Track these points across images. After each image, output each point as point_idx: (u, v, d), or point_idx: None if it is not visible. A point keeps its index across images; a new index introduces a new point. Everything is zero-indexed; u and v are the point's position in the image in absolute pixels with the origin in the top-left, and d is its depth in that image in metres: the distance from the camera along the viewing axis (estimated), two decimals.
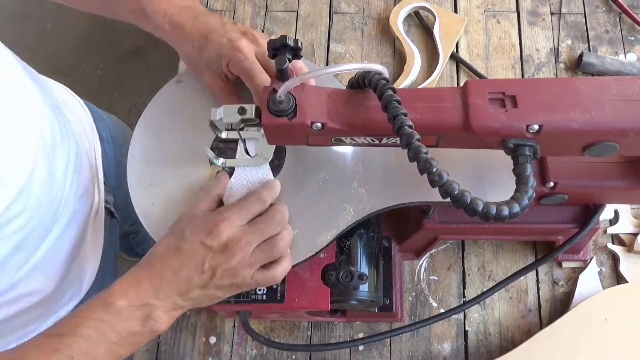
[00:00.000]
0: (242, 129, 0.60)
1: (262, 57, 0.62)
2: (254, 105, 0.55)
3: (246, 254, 0.55)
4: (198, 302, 0.57)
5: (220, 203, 0.60)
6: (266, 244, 0.57)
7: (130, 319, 0.52)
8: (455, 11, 0.94)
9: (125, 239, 1.42)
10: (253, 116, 0.55)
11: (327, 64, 0.92)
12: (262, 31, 0.94)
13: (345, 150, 0.65)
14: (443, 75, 0.89)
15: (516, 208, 0.45)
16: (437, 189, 0.45)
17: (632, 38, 0.91)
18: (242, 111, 0.56)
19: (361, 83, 0.52)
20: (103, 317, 0.51)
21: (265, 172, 0.63)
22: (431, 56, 0.91)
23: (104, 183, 0.83)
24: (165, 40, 0.67)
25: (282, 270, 0.58)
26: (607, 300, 0.71)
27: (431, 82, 0.88)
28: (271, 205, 0.59)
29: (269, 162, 0.63)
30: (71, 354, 0.50)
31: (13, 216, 0.60)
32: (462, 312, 0.76)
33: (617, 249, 0.77)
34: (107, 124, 0.91)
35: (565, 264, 0.77)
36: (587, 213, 0.68)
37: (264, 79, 0.61)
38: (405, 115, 0.47)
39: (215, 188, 0.60)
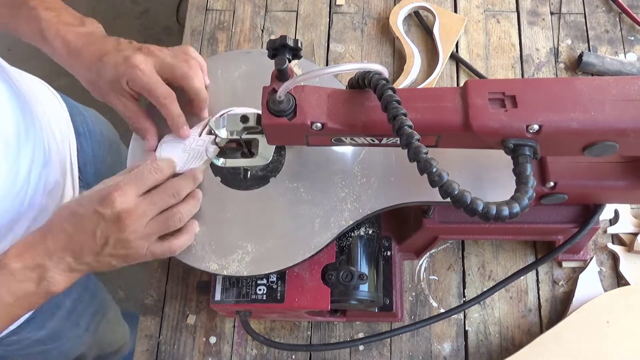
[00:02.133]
0: (244, 136, 0.60)
1: (161, 66, 0.62)
2: (255, 113, 0.56)
3: (140, 226, 0.55)
4: (94, 268, 0.57)
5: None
6: (161, 215, 0.57)
7: (25, 280, 0.53)
8: (455, 11, 0.94)
9: None
10: (255, 124, 0.55)
11: (327, 64, 0.92)
12: (262, 31, 0.94)
13: (345, 150, 0.65)
14: (443, 75, 0.89)
15: (516, 208, 0.45)
16: (437, 189, 0.45)
17: (632, 38, 0.91)
18: (244, 120, 0.56)
19: (361, 83, 0.52)
20: None
21: (206, 146, 0.63)
22: (431, 56, 0.91)
23: (79, 178, 0.83)
24: (64, 67, 0.66)
25: (180, 243, 0.59)
26: (608, 303, 0.70)
27: (431, 82, 0.88)
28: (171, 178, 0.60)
29: (268, 163, 0.63)
30: None
31: None
32: (462, 312, 0.76)
33: (617, 248, 0.77)
34: (85, 118, 0.90)
35: (565, 264, 0.77)
36: (587, 213, 0.68)
37: (164, 91, 0.61)
38: (405, 115, 0.47)
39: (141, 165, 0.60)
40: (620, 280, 0.76)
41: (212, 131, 0.62)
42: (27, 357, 0.92)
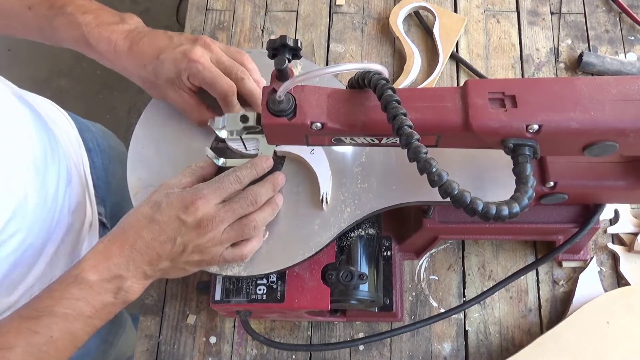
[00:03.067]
0: (244, 136, 0.60)
1: (218, 62, 0.62)
2: (255, 113, 0.56)
3: (218, 233, 0.56)
4: (166, 274, 0.58)
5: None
6: (238, 223, 0.58)
7: (103, 292, 0.54)
8: (455, 11, 0.94)
9: None
10: (255, 124, 0.55)
11: (327, 64, 0.92)
12: (262, 31, 0.94)
13: (345, 150, 0.65)
14: (443, 75, 0.89)
15: (516, 208, 0.45)
16: (437, 189, 0.45)
17: (632, 38, 0.91)
18: (244, 119, 0.56)
19: (361, 83, 0.52)
20: (77, 294, 0.52)
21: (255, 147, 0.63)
22: (431, 56, 0.91)
23: (95, 195, 0.83)
24: (112, 68, 0.65)
25: (250, 248, 0.60)
26: (608, 303, 0.70)
27: (431, 82, 0.88)
28: (249, 185, 0.60)
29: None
30: (50, 334, 0.51)
31: (8, 237, 0.60)
32: (462, 312, 0.76)
33: (617, 248, 0.77)
34: (94, 134, 0.90)
35: (565, 264, 0.77)
36: (587, 213, 0.68)
37: (227, 83, 0.61)
38: (405, 115, 0.47)
39: (202, 169, 0.61)
40: (620, 280, 0.76)
41: (215, 131, 0.62)
42: None
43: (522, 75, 0.89)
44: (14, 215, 0.60)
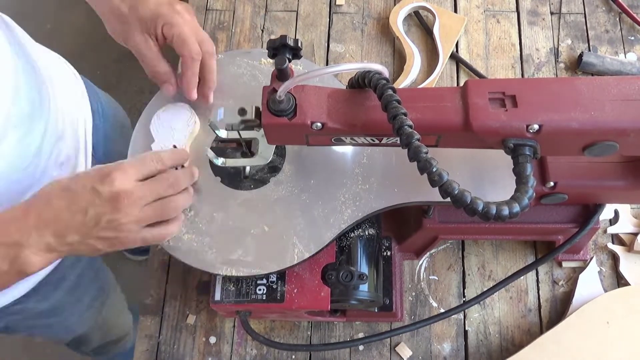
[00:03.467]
0: (242, 129, 0.60)
1: (196, 27, 0.62)
2: (254, 106, 0.55)
3: (135, 209, 0.53)
4: (76, 250, 0.54)
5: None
6: (159, 202, 0.56)
7: None
8: (455, 11, 0.94)
9: None
10: (253, 117, 0.55)
11: (327, 64, 0.92)
12: (262, 31, 0.94)
13: (345, 150, 0.65)
14: (443, 75, 0.89)
15: (516, 208, 0.45)
16: (437, 188, 0.45)
17: (632, 38, 0.91)
18: (242, 112, 0.56)
19: (361, 83, 0.52)
20: None
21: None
22: (431, 56, 0.91)
23: (92, 155, 0.83)
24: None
25: (171, 230, 0.58)
26: (608, 303, 0.70)
27: (431, 82, 0.88)
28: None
29: (268, 163, 0.63)
30: None
31: None
32: (462, 312, 0.76)
33: (617, 248, 0.77)
34: (100, 98, 0.90)
35: (565, 264, 0.77)
36: (587, 213, 0.68)
37: (196, 48, 0.60)
38: (405, 115, 0.47)
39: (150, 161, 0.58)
40: (620, 280, 0.76)
41: (212, 129, 0.61)
42: (31, 330, 0.92)
43: (522, 75, 0.89)
44: None
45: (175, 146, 0.65)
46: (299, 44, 0.52)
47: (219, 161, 0.63)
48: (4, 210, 0.53)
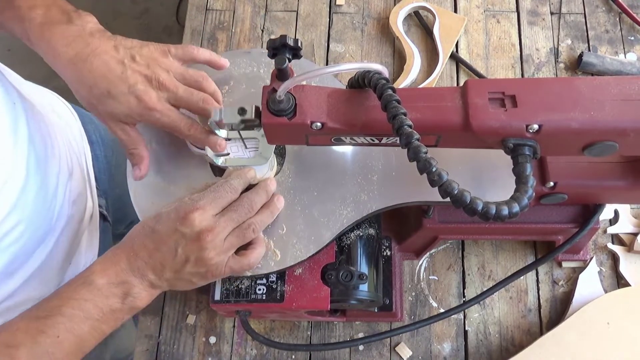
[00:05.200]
0: (242, 129, 0.60)
1: (176, 101, 0.60)
2: (253, 106, 0.55)
3: (219, 242, 0.56)
4: (174, 285, 0.58)
5: None
6: (238, 229, 0.58)
7: (111, 296, 0.54)
8: (455, 11, 0.94)
9: None
10: (253, 117, 0.55)
11: (327, 64, 0.92)
12: (262, 31, 0.94)
13: (345, 150, 0.65)
14: (443, 75, 0.89)
15: (516, 208, 0.45)
16: (437, 188, 0.45)
17: (632, 38, 0.91)
18: (242, 112, 0.56)
19: (361, 83, 0.52)
20: (85, 295, 0.53)
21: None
22: (431, 56, 0.91)
23: (96, 187, 0.83)
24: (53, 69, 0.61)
25: (255, 256, 0.59)
26: (609, 304, 0.70)
27: (431, 81, 0.88)
28: (242, 193, 0.60)
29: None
30: (57, 334, 0.51)
31: (9, 228, 0.60)
32: (462, 312, 0.76)
33: (617, 248, 0.77)
34: (97, 126, 0.90)
35: (565, 264, 0.77)
36: (587, 213, 0.68)
37: (187, 124, 0.60)
38: (405, 114, 0.47)
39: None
40: (620, 280, 0.76)
41: (212, 129, 0.61)
42: None
43: (522, 75, 0.89)
44: (15, 206, 0.60)
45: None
46: (299, 44, 0.52)
47: (219, 161, 0.63)
48: (105, 253, 0.56)
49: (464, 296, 0.77)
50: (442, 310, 0.74)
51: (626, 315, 0.69)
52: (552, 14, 0.93)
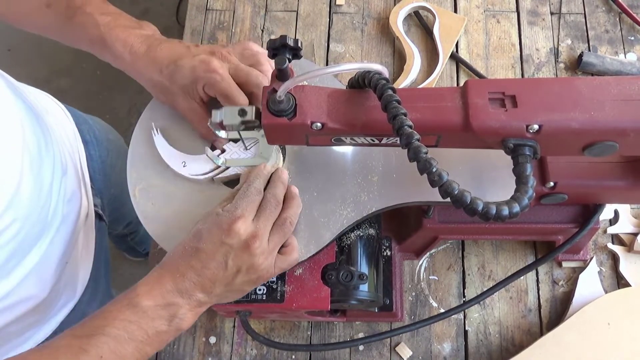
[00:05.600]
0: (242, 130, 0.60)
1: (236, 73, 0.62)
2: (254, 107, 0.55)
3: (265, 245, 0.56)
4: (224, 297, 0.58)
5: None
6: (276, 227, 0.58)
7: (157, 319, 0.53)
8: (455, 11, 0.94)
9: (123, 241, 1.42)
10: (253, 118, 0.55)
11: (327, 64, 0.92)
12: (262, 31, 0.94)
13: (345, 150, 0.65)
14: (443, 75, 0.89)
15: (516, 208, 0.45)
16: (437, 189, 0.45)
17: (632, 38, 0.91)
18: (242, 113, 0.56)
19: (361, 83, 0.52)
20: (130, 317, 0.52)
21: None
22: (431, 56, 0.91)
23: (91, 186, 0.84)
24: (125, 70, 0.65)
25: (296, 250, 0.60)
26: (609, 304, 0.70)
27: (431, 82, 0.88)
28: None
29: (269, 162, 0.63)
30: (100, 354, 0.51)
31: (5, 227, 0.60)
32: (462, 312, 0.76)
33: (617, 248, 0.77)
34: (91, 126, 0.90)
35: (565, 264, 0.77)
36: (587, 213, 0.68)
37: (243, 100, 0.61)
38: (405, 115, 0.47)
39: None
40: (620, 280, 0.76)
41: (212, 129, 0.61)
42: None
43: (522, 75, 0.89)
44: (10, 205, 0.60)
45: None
46: (299, 44, 0.52)
47: (219, 161, 0.63)
48: (149, 273, 0.56)
49: (464, 296, 0.77)
50: (442, 310, 0.74)
51: (626, 316, 0.69)
52: (552, 14, 0.93)
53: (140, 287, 0.54)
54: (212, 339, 0.76)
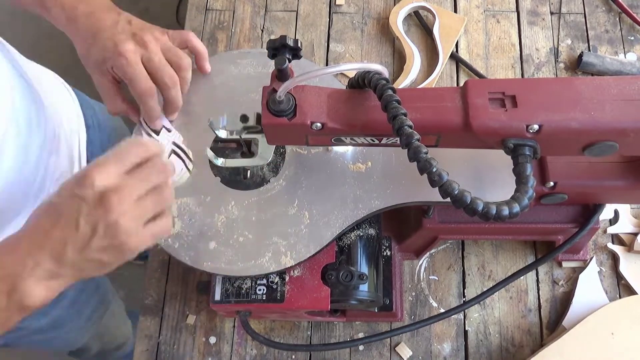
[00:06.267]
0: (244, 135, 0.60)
1: (148, 62, 0.60)
2: (255, 113, 0.55)
3: (129, 205, 0.47)
4: (81, 269, 0.48)
5: None
6: (153, 191, 0.49)
7: None
8: (455, 11, 0.94)
9: None
10: (255, 123, 0.55)
11: (327, 64, 0.92)
12: (262, 31, 0.94)
13: (345, 150, 0.65)
14: (443, 75, 0.89)
15: (516, 208, 0.45)
16: (437, 189, 0.45)
17: (632, 38, 0.91)
18: (244, 119, 0.56)
19: (361, 83, 0.52)
20: None
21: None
22: (431, 56, 0.91)
23: None
24: (65, 33, 0.65)
25: (169, 221, 0.52)
26: (613, 314, 0.69)
27: (431, 82, 0.88)
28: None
29: (268, 163, 0.63)
30: None
31: None
32: (462, 312, 0.76)
33: (617, 248, 0.77)
34: (96, 112, 0.90)
35: (565, 264, 0.77)
36: (587, 213, 0.68)
37: (146, 85, 0.60)
38: (405, 115, 0.47)
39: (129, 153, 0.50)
40: (620, 281, 0.76)
41: (212, 129, 0.62)
42: (30, 345, 0.92)
43: (522, 75, 0.89)
44: None
45: (175, 144, 0.64)
46: (299, 44, 0.52)
47: (219, 161, 0.63)
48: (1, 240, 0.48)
49: (464, 296, 0.77)
50: (442, 310, 0.74)
51: (631, 325, 0.68)
52: (552, 14, 0.93)
53: None
54: (212, 339, 0.76)
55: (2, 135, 0.60)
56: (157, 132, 0.65)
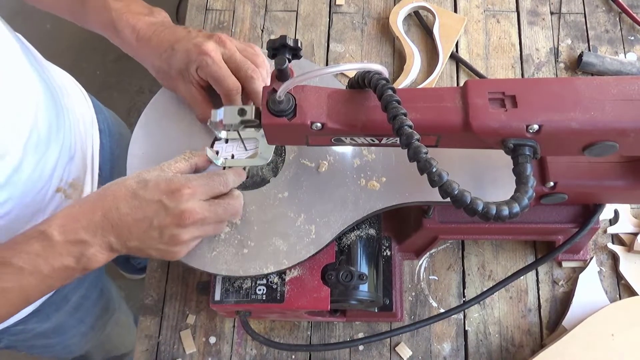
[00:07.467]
0: (242, 130, 0.60)
1: (230, 59, 0.62)
2: (253, 107, 0.55)
3: (196, 229, 0.55)
4: (132, 252, 0.56)
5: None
6: (214, 224, 0.58)
7: (65, 254, 0.52)
8: (455, 11, 0.94)
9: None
10: (253, 117, 0.55)
11: (326, 64, 0.92)
12: (262, 31, 0.94)
13: (345, 150, 0.65)
14: (443, 75, 0.89)
15: (516, 208, 0.45)
16: (437, 189, 0.45)
17: (632, 38, 0.91)
18: (242, 112, 0.56)
19: (361, 83, 0.52)
20: (38, 249, 0.51)
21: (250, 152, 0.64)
22: (431, 56, 0.91)
23: (99, 174, 0.83)
24: (132, 56, 0.67)
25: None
26: (613, 315, 0.69)
27: (431, 81, 0.88)
28: (231, 191, 0.60)
29: (268, 163, 0.63)
30: (2, 284, 0.51)
31: None
32: (462, 312, 0.76)
33: (617, 248, 0.77)
34: (106, 117, 0.91)
35: (565, 264, 0.77)
36: (587, 213, 0.68)
37: (233, 82, 0.61)
38: (405, 115, 0.47)
39: (198, 158, 0.60)
40: (620, 281, 0.76)
41: (212, 128, 0.61)
42: (31, 349, 0.92)
43: (522, 75, 0.89)
44: (7, 183, 0.60)
45: (233, 156, 0.64)
46: (299, 44, 0.52)
47: (219, 161, 0.63)
48: (69, 205, 0.54)
49: (464, 296, 0.77)
50: (442, 310, 0.74)
51: (631, 326, 0.68)
52: (552, 13, 0.93)
53: (55, 219, 0.53)
54: (212, 339, 0.76)
55: (23, 145, 0.61)
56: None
